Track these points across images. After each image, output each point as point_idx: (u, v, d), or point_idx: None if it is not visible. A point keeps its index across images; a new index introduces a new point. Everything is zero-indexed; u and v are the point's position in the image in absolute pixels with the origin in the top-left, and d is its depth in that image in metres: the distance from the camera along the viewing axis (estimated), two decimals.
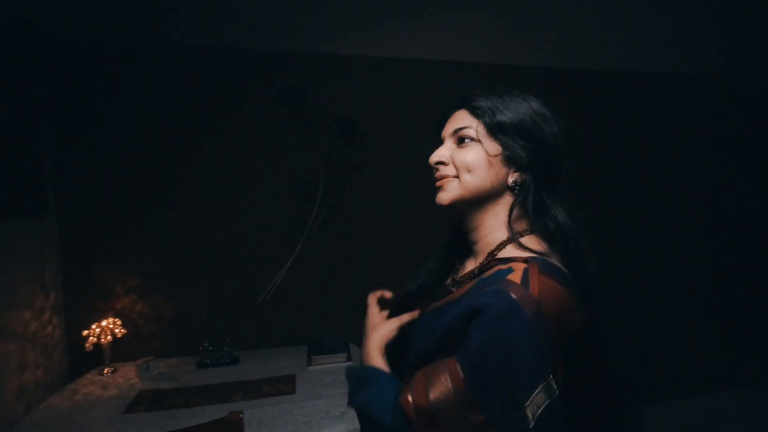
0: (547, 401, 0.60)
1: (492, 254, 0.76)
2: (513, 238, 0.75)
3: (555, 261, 0.71)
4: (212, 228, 2.19)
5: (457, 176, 0.77)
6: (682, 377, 2.90)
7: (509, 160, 0.75)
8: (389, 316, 0.89)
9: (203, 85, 2.17)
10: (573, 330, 0.66)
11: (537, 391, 0.60)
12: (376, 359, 0.80)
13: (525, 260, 0.69)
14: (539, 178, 0.76)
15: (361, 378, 0.78)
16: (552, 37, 2.26)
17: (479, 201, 0.78)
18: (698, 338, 2.94)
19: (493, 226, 0.79)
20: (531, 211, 0.76)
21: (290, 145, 2.26)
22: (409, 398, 0.65)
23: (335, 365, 1.98)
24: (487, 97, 0.77)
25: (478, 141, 0.76)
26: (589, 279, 0.73)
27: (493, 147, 0.76)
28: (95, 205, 2.07)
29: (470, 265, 0.82)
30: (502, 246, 0.76)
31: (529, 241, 0.74)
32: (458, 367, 0.62)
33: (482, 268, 0.77)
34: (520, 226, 0.77)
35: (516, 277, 0.66)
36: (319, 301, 2.31)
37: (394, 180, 2.40)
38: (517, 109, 0.76)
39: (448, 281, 0.87)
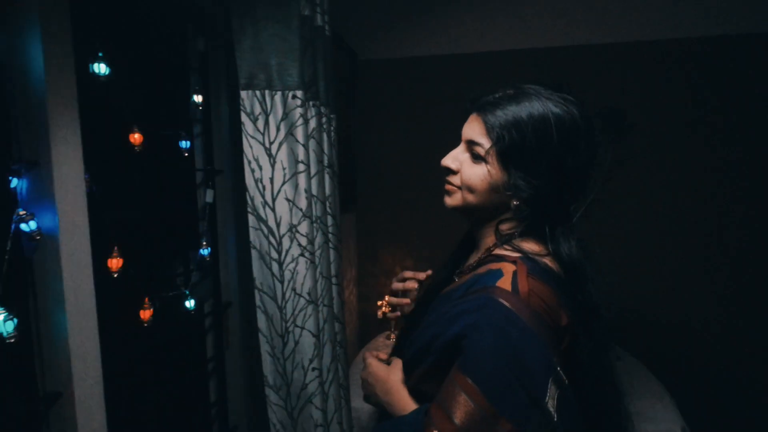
0: (558, 391, 0.63)
1: (489, 250, 0.80)
2: (505, 240, 0.77)
3: (548, 261, 0.73)
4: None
5: (460, 188, 0.79)
6: None
7: (514, 190, 0.73)
8: (419, 299, 0.96)
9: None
10: (561, 324, 0.69)
11: (549, 385, 0.63)
12: (403, 395, 0.80)
13: (514, 261, 0.72)
14: (543, 212, 0.74)
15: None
16: None
17: (480, 212, 0.81)
18: None
19: (492, 230, 0.81)
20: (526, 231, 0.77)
21: None
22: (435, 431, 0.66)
23: None
24: (504, 109, 0.73)
25: (487, 162, 0.75)
26: (590, 303, 0.73)
27: (499, 175, 0.74)
28: (380, 202, 2.49)
29: (473, 258, 0.87)
30: (498, 245, 0.79)
31: (524, 241, 0.76)
32: (472, 384, 0.63)
33: (479, 262, 0.81)
34: (517, 227, 0.78)
35: (506, 283, 0.68)
36: None
37: (661, 176, 2.24)
38: (535, 128, 0.71)
39: (457, 271, 0.90)
